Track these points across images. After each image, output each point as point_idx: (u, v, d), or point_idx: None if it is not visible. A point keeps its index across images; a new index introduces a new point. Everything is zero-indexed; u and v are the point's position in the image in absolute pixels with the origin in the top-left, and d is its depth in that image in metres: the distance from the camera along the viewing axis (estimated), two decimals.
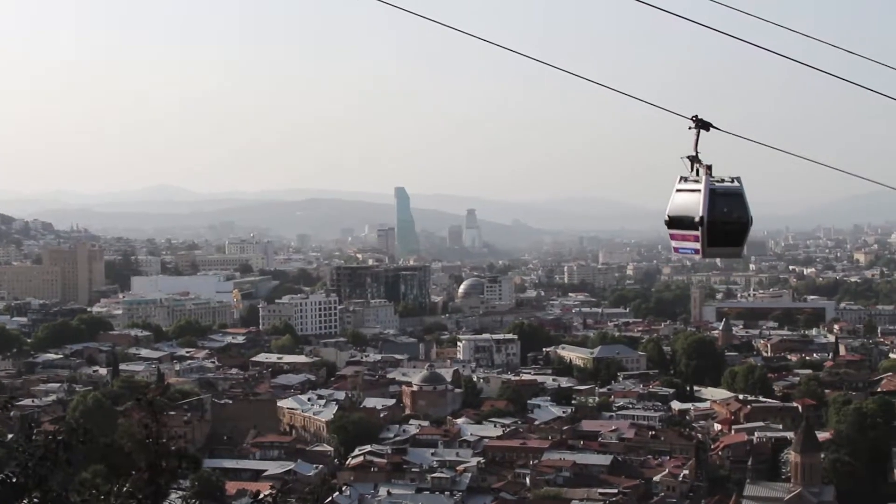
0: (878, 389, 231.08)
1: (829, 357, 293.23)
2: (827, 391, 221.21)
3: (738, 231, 25.21)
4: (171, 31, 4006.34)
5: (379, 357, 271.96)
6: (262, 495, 18.20)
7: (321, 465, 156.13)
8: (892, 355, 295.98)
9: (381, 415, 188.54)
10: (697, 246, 24.90)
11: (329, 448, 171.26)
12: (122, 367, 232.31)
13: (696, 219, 24.45)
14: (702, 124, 23.92)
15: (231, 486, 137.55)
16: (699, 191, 24.55)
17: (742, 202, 24.95)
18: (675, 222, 25.23)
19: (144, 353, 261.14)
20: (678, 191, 25.22)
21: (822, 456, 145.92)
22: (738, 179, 25.05)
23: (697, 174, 24.71)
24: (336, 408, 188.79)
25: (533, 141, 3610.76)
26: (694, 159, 24.64)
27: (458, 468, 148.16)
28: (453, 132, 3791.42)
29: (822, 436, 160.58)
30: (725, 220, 24.70)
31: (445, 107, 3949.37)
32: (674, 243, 25.71)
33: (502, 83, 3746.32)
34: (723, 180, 24.85)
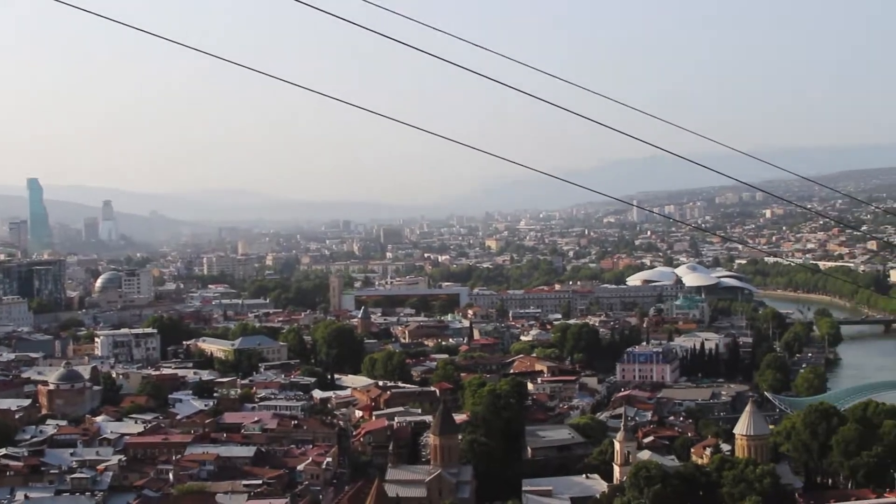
0: (511, 371, 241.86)
1: (465, 341, 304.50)
2: (463, 374, 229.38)
3: None
4: None
5: (12, 356, 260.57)
6: None
7: None
8: (522, 338, 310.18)
9: (16, 416, 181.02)
10: None
11: None
12: None
13: None
14: None
15: None
16: None
17: None
18: None
19: None
20: None
21: (460, 437, 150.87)
22: None
23: None
24: None
25: (169, 130, 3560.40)
26: None
27: (98, 467, 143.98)
28: (89, 121, 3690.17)
29: (460, 418, 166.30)
30: None
31: (82, 95, 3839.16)
32: None
33: (137, 71, 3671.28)
34: None
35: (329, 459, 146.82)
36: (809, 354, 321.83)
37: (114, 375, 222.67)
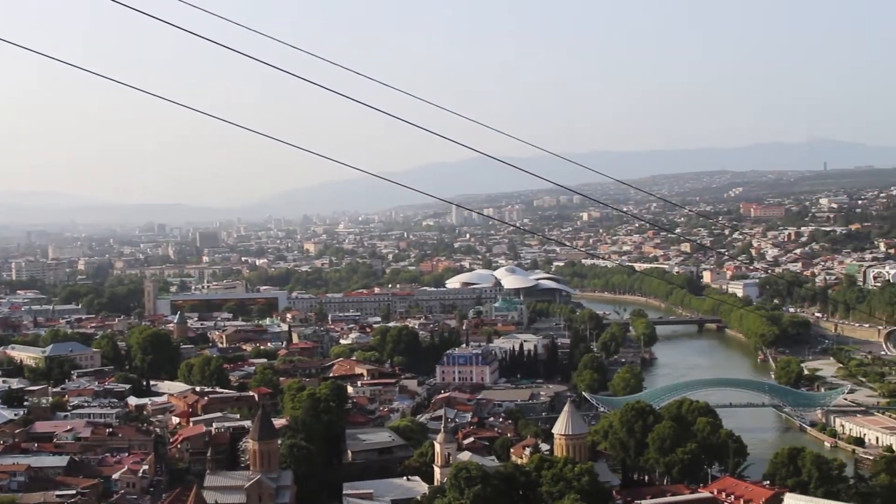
0: (331, 375, 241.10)
1: (283, 345, 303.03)
2: (282, 379, 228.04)
3: None
4: None
5: None
6: None
7: None
8: (342, 341, 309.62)
9: None
10: None
11: None
12: None
13: None
14: None
15: None
16: None
17: None
18: None
19: None
20: None
21: (279, 442, 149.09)
22: None
23: None
24: None
25: None
26: None
27: None
28: None
29: (279, 422, 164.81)
30: None
31: None
32: None
33: None
34: None
35: (146, 467, 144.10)
36: (623, 360, 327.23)
37: None
